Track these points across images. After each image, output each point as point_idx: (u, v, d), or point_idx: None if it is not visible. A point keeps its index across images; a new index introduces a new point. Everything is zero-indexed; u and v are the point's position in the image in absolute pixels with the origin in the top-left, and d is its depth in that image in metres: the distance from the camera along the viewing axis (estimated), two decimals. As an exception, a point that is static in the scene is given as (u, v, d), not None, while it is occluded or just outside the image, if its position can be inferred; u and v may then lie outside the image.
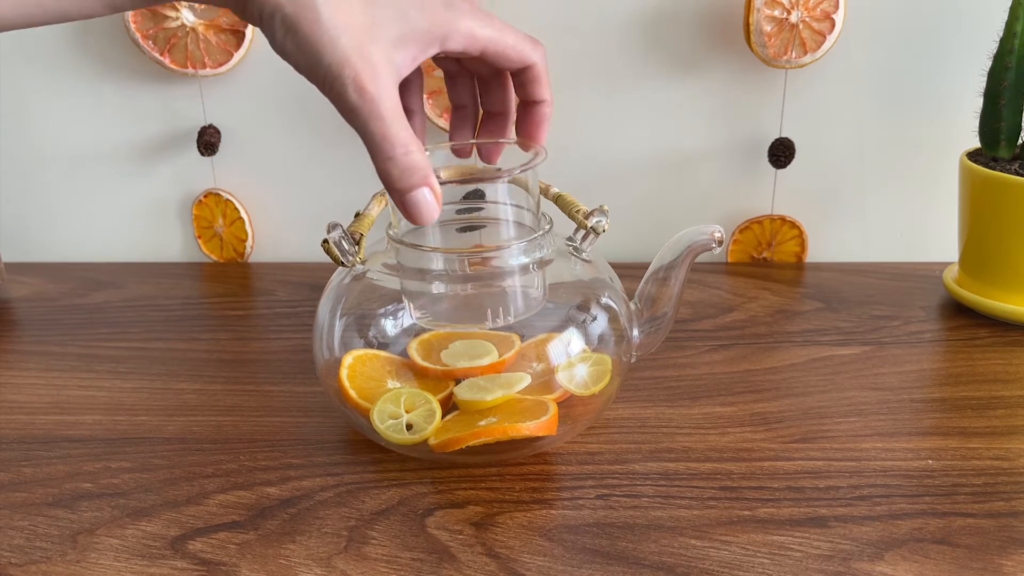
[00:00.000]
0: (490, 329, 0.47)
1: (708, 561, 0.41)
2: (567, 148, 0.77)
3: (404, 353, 0.49)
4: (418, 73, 0.46)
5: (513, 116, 0.48)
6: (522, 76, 0.45)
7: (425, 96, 0.72)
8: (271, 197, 0.80)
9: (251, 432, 0.53)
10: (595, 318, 0.49)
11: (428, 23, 0.40)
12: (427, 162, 0.40)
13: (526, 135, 0.47)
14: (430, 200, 0.40)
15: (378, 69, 0.38)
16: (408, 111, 0.42)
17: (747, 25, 0.69)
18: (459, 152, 0.49)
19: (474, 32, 0.41)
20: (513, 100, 0.47)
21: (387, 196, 0.50)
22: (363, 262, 0.48)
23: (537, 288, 0.47)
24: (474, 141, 0.49)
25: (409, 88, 0.46)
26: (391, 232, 0.47)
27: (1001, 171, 0.62)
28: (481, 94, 0.48)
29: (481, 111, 0.49)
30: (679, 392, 0.56)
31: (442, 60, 0.45)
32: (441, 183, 0.41)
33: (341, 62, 0.37)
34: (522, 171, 0.45)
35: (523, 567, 0.41)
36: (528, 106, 0.46)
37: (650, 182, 0.78)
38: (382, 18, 0.39)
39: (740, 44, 0.72)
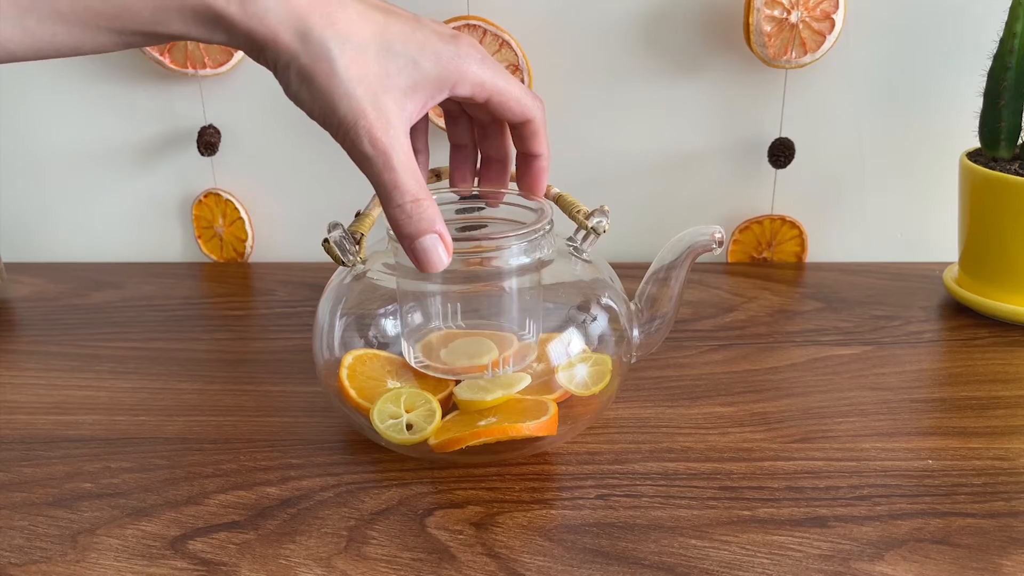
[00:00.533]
0: (489, 378, 0.48)
1: (708, 561, 0.41)
2: (567, 148, 0.77)
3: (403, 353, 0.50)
4: (424, 115, 0.46)
5: (511, 163, 0.49)
6: (521, 129, 0.46)
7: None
8: (271, 197, 0.80)
9: (251, 432, 0.53)
10: (595, 318, 0.49)
11: (439, 71, 0.41)
12: (436, 211, 0.41)
13: (526, 188, 0.49)
14: (438, 247, 0.41)
15: (391, 119, 0.39)
16: (414, 150, 0.43)
17: (747, 25, 0.69)
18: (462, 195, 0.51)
19: (483, 80, 0.42)
20: (511, 148, 0.48)
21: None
22: (364, 262, 0.48)
23: (532, 334, 0.48)
24: (476, 190, 0.50)
25: (415, 130, 0.47)
26: (391, 232, 0.47)
27: (1001, 171, 0.62)
28: (480, 139, 0.49)
29: (480, 154, 0.50)
30: (679, 392, 0.56)
31: (444, 101, 0.45)
32: (454, 239, 0.42)
33: (356, 113, 0.38)
34: (529, 241, 0.46)
35: (523, 567, 0.41)
36: (526, 158, 0.47)
37: (650, 182, 0.78)
38: (395, 68, 0.39)
39: (740, 44, 0.72)
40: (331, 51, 0.38)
